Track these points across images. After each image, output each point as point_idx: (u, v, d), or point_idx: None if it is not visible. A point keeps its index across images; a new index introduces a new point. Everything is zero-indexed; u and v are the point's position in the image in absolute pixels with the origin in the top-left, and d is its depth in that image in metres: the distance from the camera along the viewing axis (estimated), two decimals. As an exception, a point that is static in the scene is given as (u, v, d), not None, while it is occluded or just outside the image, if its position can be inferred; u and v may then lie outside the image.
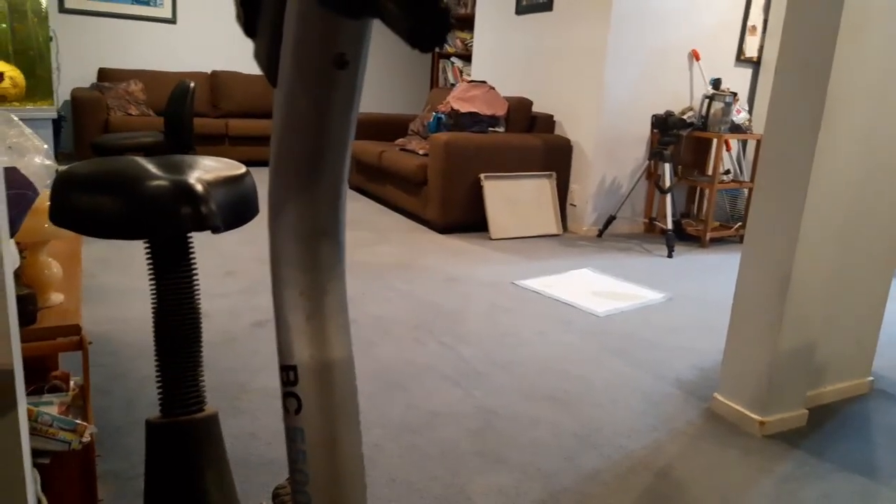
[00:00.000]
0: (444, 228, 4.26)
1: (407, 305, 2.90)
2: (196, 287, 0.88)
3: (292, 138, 0.42)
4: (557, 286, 3.31)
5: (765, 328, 1.98)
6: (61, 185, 0.82)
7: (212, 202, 0.79)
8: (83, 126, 5.43)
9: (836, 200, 1.91)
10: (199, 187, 0.79)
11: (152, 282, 0.87)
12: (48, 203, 0.87)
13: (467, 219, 4.26)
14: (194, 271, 0.88)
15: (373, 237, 4.06)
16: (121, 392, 2.00)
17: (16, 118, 1.17)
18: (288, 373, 0.46)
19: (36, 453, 1.28)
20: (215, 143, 6.13)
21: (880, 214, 2.15)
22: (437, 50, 7.59)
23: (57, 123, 3.65)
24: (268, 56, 0.42)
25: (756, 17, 4.66)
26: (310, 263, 0.45)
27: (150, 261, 0.86)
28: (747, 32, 4.64)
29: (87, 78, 6.15)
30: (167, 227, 0.78)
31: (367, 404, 2.03)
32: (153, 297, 0.87)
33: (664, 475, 1.77)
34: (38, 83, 2.62)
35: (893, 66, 1.97)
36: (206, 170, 0.86)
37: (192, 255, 0.88)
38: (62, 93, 5.98)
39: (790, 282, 1.91)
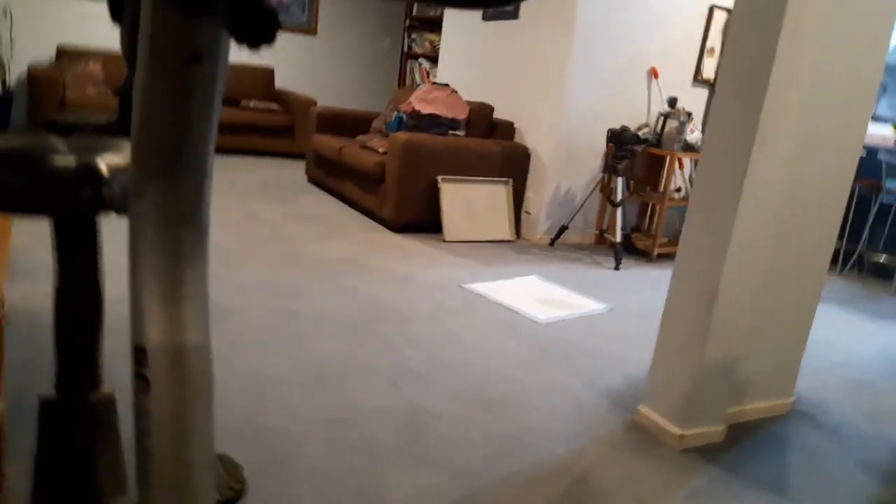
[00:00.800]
0: (399, 228, 4.28)
1: (352, 302, 2.91)
2: (99, 268, 0.88)
3: (150, 128, 0.43)
4: (504, 291, 3.35)
5: (690, 342, 2.04)
6: (-35, 159, 0.81)
7: (115, 184, 0.79)
8: (38, 103, 5.29)
9: (766, 219, 1.98)
10: (103, 167, 0.79)
11: (56, 258, 0.87)
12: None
13: (423, 219, 4.28)
14: (98, 252, 0.88)
15: (325, 232, 4.06)
16: (47, 368, 1.97)
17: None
18: (139, 353, 0.47)
19: (-60, 429, 1.26)
20: (175, 127, 6.03)
21: (809, 237, 2.23)
22: (404, 50, 7.54)
23: (7, 99, 3.55)
24: (128, 44, 0.44)
25: (715, 40, 4.78)
26: (167, 249, 0.46)
27: (55, 237, 0.86)
28: (705, 54, 4.76)
29: (46, 54, 6.00)
30: (68, 205, 0.78)
31: (299, 396, 2.04)
32: (56, 275, 0.87)
33: (581, 481, 1.81)
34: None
35: (824, 90, 2.05)
36: (121, 151, 0.87)
37: (96, 236, 0.88)
38: (19, 67, 5.83)
39: (717, 298, 1.97)
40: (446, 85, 4.66)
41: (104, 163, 0.81)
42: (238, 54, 6.86)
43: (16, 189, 0.76)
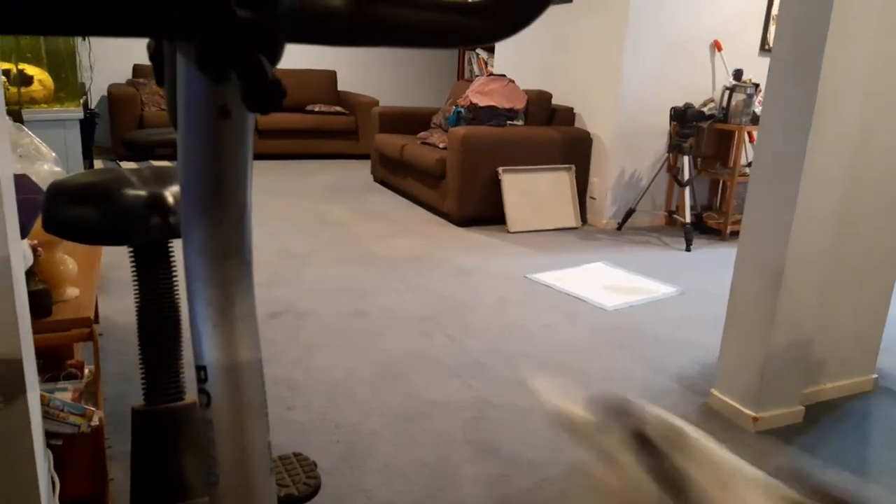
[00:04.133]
0: (463, 221, 4.33)
1: (418, 298, 2.98)
2: (175, 288, 0.97)
3: (192, 173, 0.50)
4: (569, 280, 3.35)
5: (758, 323, 2.01)
6: (51, 197, 0.91)
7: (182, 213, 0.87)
8: (118, 121, 5.63)
9: (830, 195, 1.92)
10: (170, 199, 0.87)
11: (135, 283, 0.96)
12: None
13: (486, 212, 4.32)
14: (174, 273, 0.97)
15: (391, 230, 4.15)
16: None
17: (25, 129, 1.28)
18: (200, 372, 0.54)
19: (49, 435, 1.39)
20: (245, 137, 6.26)
21: (878, 211, 2.15)
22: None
23: (90, 121, 3.82)
24: (169, 103, 0.50)
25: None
26: (215, 279, 0.52)
27: (132, 264, 0.95)
28: (771, 22, 4.58)
29: (124, 73, 6.35)
30: (141, 235, 0.86)
31: (369, 394, 2.12)
32: (136, 296, 0.96)
33: (651, 467, 1.82)
34: (66, 85, 2.76)
35: (882, 64, 1.97)
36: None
37: (171, 259, 0.96)
38: (100, 88, 6.19)
39: (783, 277, 1.93)
40: (503, 76, 4.67)
41: (171, 194, 0.89)
42: (302, 59, 7.06)
43: (96, 224, 0.85)
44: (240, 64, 0.39)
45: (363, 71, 7.59)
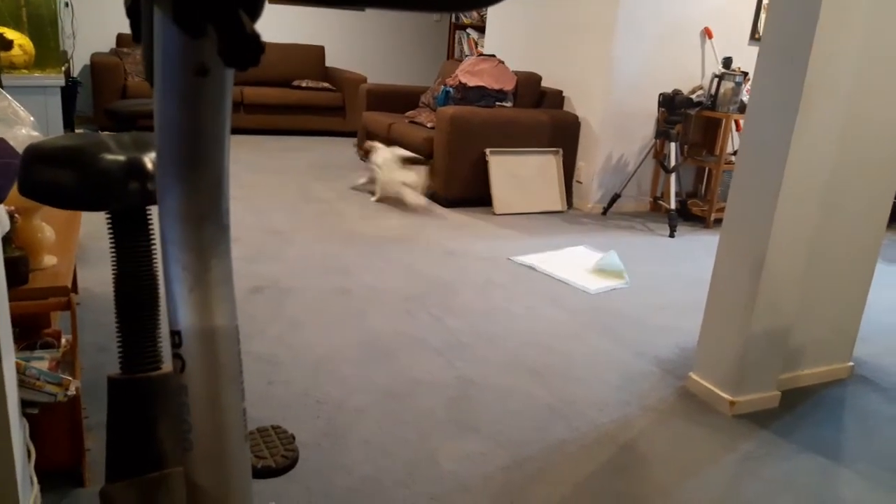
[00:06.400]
0: (449, 202, 4.31)
1: (402, 277, 2.97)
2: (154, 255, 0.95)
3: (169, 134, 0.48)
4: (553, 262, 3.35)
5: (738, 309, 2.02)
6: (27, 160, 0.89)
7: (160, 179, 0.85)
8: (101, 91, 5.52)
9: (814, 184, 1.93)
10: (149, 164, 0.86)
11: (112, 249, 0.94)
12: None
13: (472, 193, 4.30)
14: (152, 240, 0.95)
15: (377, 208, 4.13)
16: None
17: (3, 92, 1.24)
18: (174, 337, 0.53)
19: (25, 404, 1.37)
20: (231, 111, 6.18)
21: (860, 201, 2.16)
22: (452, 20, 7.51)
23: (72, 89, 3.74)
24: (146, 60, 0.49)
25: (773, -4, 4.58)
26: (192, 243, 0.51)
27: (110, 230, 0.93)
28: (762, 11, 4.58)
29: (107, 43, 6.23)
30: (118, 200, 0.85)
31: (354, 371, 2.12)
32: (113, 263, 0.94)
33: (629, 448, 1.84)
34: (47, 51, 2.70)
35: (872, 52, 1.98)
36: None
37: (149, 226, 0.95)
38: (82, 57, 6.07)
39: (764, 264, 1.94)
40: (493, 56, 4.64)
41: (150, 159, 0.87)
42: (289, 33, 6.96)
43: (72, 188, 0.83)
44: (218, 17, 0.38)
45: (351, 47, 7.50)
